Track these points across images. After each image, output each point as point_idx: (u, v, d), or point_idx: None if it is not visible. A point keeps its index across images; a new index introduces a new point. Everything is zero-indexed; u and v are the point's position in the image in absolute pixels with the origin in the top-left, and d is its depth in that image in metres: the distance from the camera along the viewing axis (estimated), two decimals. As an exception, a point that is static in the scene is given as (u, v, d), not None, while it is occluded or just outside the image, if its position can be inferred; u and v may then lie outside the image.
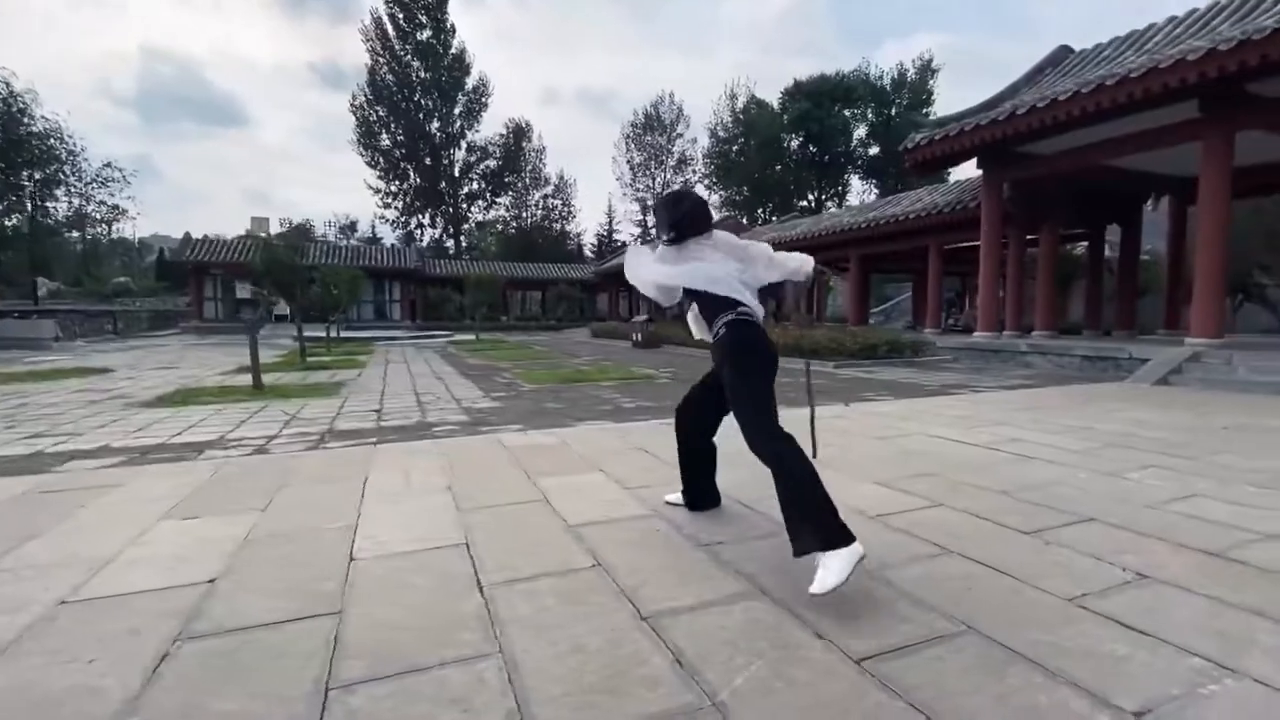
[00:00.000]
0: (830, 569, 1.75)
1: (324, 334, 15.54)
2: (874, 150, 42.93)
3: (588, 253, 50.85)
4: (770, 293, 2.40)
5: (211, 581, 2.00)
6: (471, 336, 22.60)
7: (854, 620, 1.71)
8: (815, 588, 1.74)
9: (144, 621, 1.75)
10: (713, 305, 2.18)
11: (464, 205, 46.97)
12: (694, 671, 1.48)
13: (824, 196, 44.80)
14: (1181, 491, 2.92)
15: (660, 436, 4.24)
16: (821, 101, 40.81)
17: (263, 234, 34.71)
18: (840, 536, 1.80)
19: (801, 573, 1.94)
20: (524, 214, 49.08)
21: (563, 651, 1.57)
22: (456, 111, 44.08)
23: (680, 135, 47.97)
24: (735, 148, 44.33)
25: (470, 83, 43.75)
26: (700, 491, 2.64)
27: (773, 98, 43.67)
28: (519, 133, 46.76)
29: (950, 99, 57.14)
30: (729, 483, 2.73)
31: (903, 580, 1.97)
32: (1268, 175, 9.78)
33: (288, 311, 21.08)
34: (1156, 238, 14.56)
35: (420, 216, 46.03)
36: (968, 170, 12.82)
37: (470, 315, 24.18)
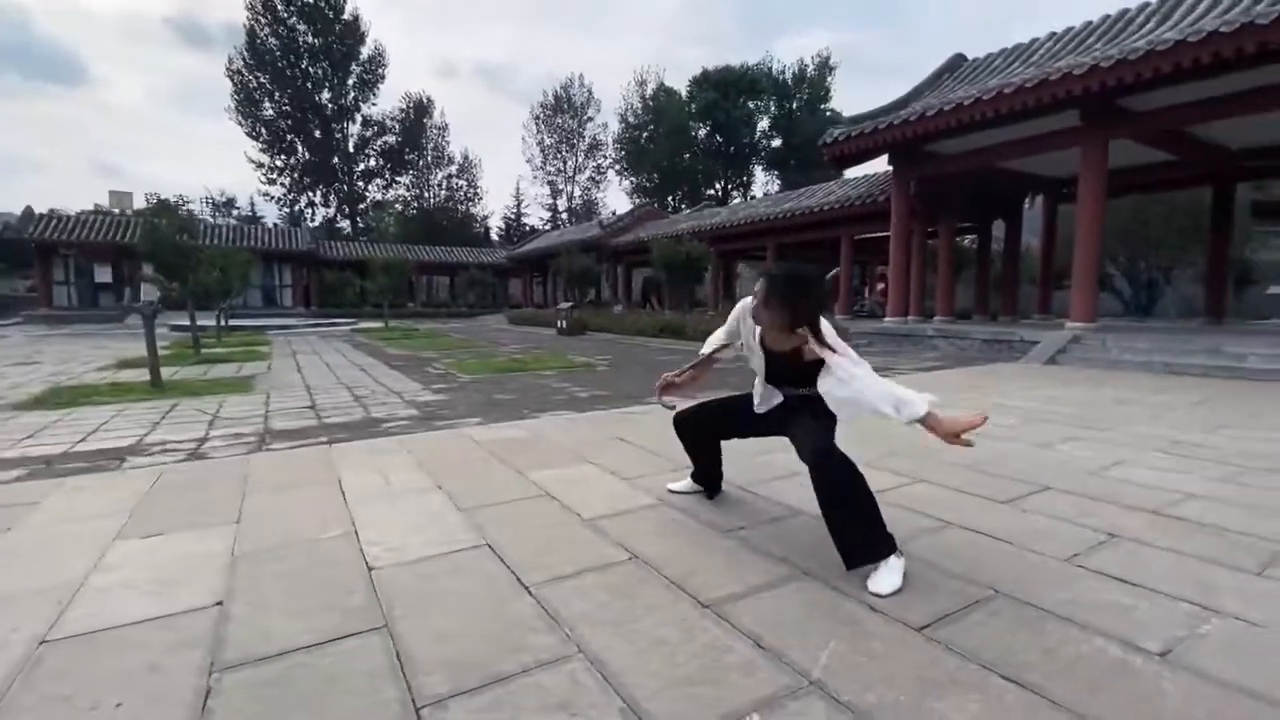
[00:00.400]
0: (893, 569, 1.89)
1: (213, 323, 14.14)
2: (776, 142, 44.56)
3: (494, 236, 49.44)
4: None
5: (219, 604, 1.81)
6: (377, 324, 21.38)
7: (911, 593, 1.83)
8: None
9: (159, 656, 1.57)
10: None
11: (360, 183, 44.07)
12: (779, 654, 1.53)
13: (730, 186, 46.02)
14: (1109, 459, 3.34)
15: (633, 425, 4.26)
16: (727, 92, 41.80)
17: (117, 210, 30.78)
18: (891, 544, 1.94)
19: (829, 552, 2.04)
20: (426, 194, 46.85)
21: (644, 646, 1.57)
22: (350, 82, 41.07)
23: (591, 119, 47.57)
24: (645, 134, 44.52)
25: (365, 52, 40.87)
26: (716, 480, 2.69)
27: (681, 85, 44.24)
28: (420, 108, 44.40)
29: (844, 96, 60.29)
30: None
31: (921, 551, 2.13)
32: (1124, 179, 11.18)
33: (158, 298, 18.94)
34: (1029, 233, 16.25)
35: (310, 194, 42.69)
36: (872, 166, 13.68)
37: (375, 302, 22.84)
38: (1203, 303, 12.94)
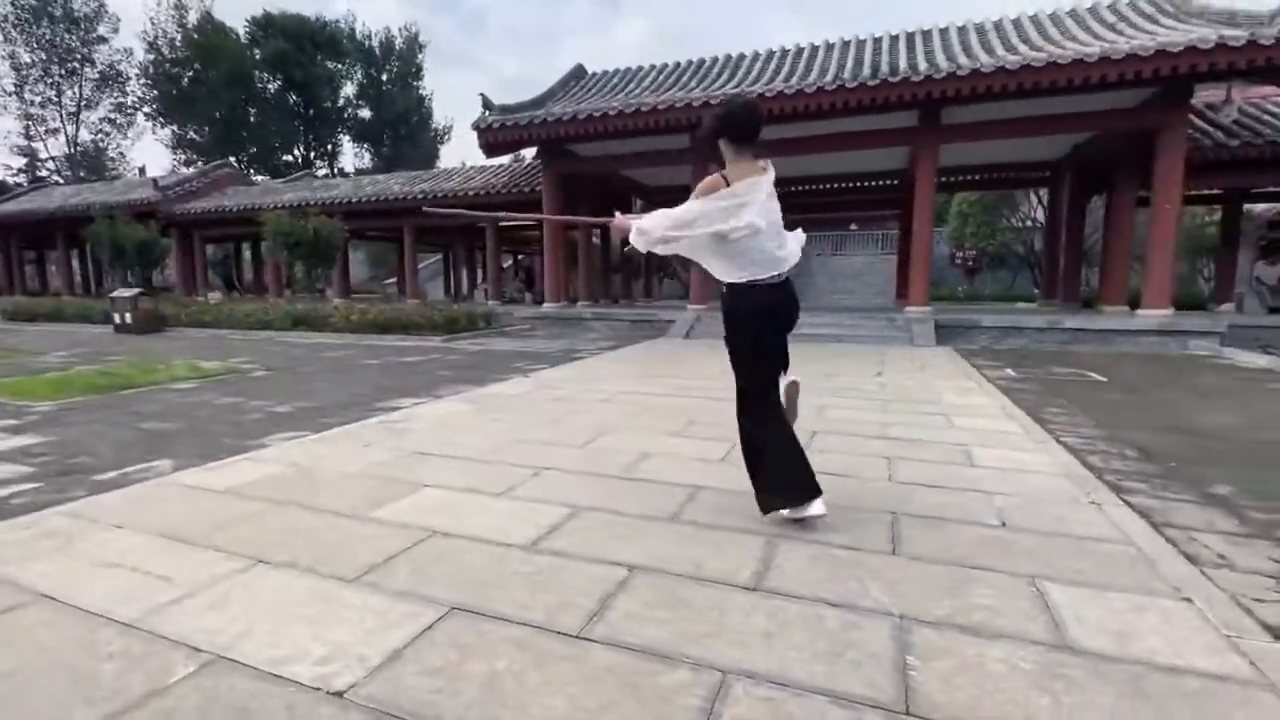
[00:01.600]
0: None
1: None
2: (366, 113, 41.17)
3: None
4: None
5: None
6: None
7: (851, 530, 2.27)
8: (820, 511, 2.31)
9: None
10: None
11: None
12: (852, 606, 1.76)
13: (314, 154, 40.67)
14: (816, 405, 4.52)
15: (412, 437, 3.73)
16: (303, 45, 36.54)
17: None
18: None
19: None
20: None
21: (757, 642, 1.58)
22: None
23: (104, 39, 34.91)
24: (190, 73, 35.34)
25: None
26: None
27: (238, 24, 36.57)
28: None
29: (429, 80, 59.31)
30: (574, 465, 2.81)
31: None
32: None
33: None
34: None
35: None
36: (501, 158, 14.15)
37: None
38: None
